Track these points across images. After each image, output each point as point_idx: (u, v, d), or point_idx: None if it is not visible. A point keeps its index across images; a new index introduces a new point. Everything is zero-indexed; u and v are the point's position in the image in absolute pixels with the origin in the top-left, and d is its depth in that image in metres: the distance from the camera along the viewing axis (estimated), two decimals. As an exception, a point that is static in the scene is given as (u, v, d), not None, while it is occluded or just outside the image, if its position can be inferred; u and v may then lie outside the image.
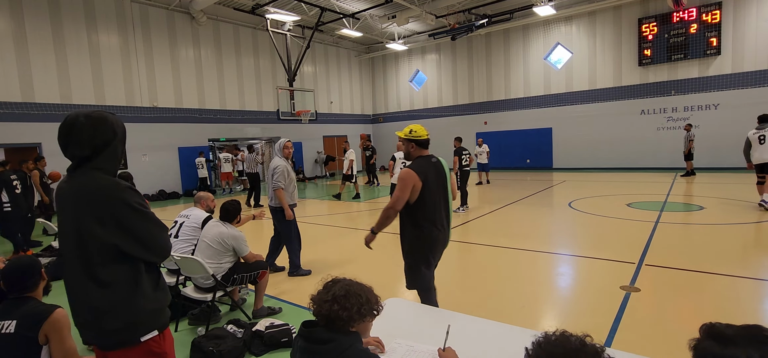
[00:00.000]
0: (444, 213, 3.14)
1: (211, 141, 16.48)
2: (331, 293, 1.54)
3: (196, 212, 4.34)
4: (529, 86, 18.11)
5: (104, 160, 1.65)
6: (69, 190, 1.64)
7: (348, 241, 7.21)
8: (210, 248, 3.72)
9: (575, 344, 1.08)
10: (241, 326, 3.48)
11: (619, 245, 5.92)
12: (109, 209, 1.58)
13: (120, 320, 1.59)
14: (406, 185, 2.95)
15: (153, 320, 1.68)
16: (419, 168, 2.99)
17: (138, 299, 1.63)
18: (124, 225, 1.59)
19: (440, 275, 5.34)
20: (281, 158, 5.03)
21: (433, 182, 3.04)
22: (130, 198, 1.62)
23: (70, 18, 12.33)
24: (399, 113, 22.60)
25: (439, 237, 3.11)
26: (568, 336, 1.09)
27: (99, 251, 1.57)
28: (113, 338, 1.61)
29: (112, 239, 1.58)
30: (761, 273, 4.61)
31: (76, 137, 1.60)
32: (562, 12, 16.03)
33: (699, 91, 14.52)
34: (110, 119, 1.68)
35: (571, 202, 9.61)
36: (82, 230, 1.57)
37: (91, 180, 1.61)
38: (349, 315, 1.51)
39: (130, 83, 13.72)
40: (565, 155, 17.42)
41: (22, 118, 11.50)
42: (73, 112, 1.65)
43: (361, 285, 1.61)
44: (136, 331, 1.63)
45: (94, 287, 1.57)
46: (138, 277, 1.64)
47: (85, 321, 1.63)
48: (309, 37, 16.84)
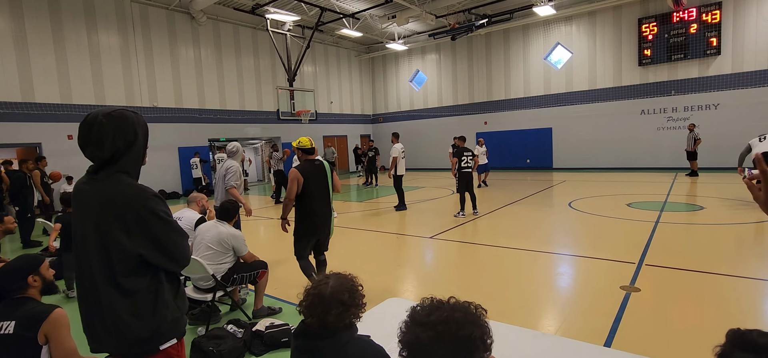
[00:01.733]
0: (321, 201, 4.09)
1: (211, 141, 16.49)
2: (306, 304, 1.52)
3: (189, 213, 4.35)
4: (529, 86, 18.11)
5: (127, 163, 1.60)
6: (91, 192, 1.58)
7: (348, 241, 7.21)
8: (209, 250, 3.71)
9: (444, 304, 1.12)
10: (241, 326, 3.48)
11: (619, 245, 5.92)
12: (135, 218, 1.54)
13: (143, 329, 1.57)
14: (292, 181, 3.96)
15: (173, 328, 1.67)
16: (303, 169, 4.03)
17: (159, 307, 1.61)
18: (151, 234, 1.56)
19: (440, 274, 5.36)
20: (235, 161, 5.29)
21: (313, 179, 4.03)
22: (157, 207, 1.58)
23: (70, 18, 12.33)
24: (399, 113, 22.61)
25: (315, 219, 4.09)
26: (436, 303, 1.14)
27: (122, 260, 1.54)
28: (135, 348, 1.59)
29: (137, 249, 1.55)
30: (761, 273, 4.61)
31: (96, 137, 1.54)
32: (562, 12, 16.03)
33: (699, 91, 14.52)
34: (132, 118, 1.62)
35: (571, 202, 9.60)
36: (106, 237, 1.53)
37: (117, 185, 1.56)
38: (328, 326, 1.49)
39: (130, 83, 13.72)
40: (565, 155, 17.42)
41: (22, 118, 11.50)
42: (93, 110, 1.60)
43: (334, 291, 1.52)
44: (158, 339, 1.62)
45: (118, 295, 1.55)
46: (159, 286, 1.63)
47: (103, 329, 1.58)
48: (309, 37, 16.84)
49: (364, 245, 6.95)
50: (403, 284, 5.02)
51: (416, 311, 1.12)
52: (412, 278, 5.23)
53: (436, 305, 1.11)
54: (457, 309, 1.09)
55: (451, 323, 1.04)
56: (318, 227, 4.12)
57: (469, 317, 1.07)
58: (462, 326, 1.04)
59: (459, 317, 1.06)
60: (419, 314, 1.10)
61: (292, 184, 3.96)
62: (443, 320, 1.05)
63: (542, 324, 3.68)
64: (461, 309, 1.09)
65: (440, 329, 1.03)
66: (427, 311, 1.10)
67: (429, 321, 1.06)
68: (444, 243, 6.60)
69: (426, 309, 1.11)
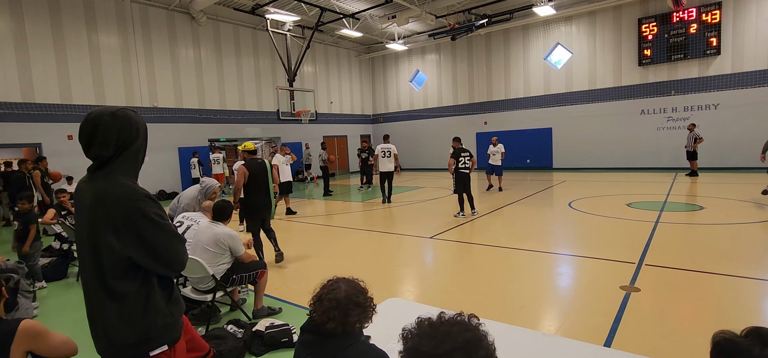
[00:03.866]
0: (263, 190, 5.52)
1: (211, 141, 16.48)
2: (322, 309, 1.52)
3: (205, 221, 4.32)
4: (529, 86, 18.11)
5: (126, 161, 1.59)
6: (88, 191, 1.57)
7: (348, 242, 7.21)
8: (207, 252, 3.71)
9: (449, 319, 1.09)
10: (241, 326, 3.48)
11: (619, 245, 5.92)
12: (123, 219, 1.50)
13: (132, 334, 1.54)
14: (239, 174, 5.45)
15: (164, 334, 1.62)
16: (248, 165, 5.49)
17: (150, 313, 1.57)
18: (140, 237, 1.52)
19: (440, 274, 5.36)
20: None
21: (255, 173, 5.47)
22: (147, 208, 1.54)
23: (70, 18, 12.33)
24: (399, 113, 22.60)
25: (257, 205, 5.51)
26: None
27: (112, 261, 1.51)
28: (124, 353, 1.57)
29: (126, 251, 1.51)
30: (761, 273, 4.61)
31: (101, 137, 1.54)
32: (561, 12, 16.02)
33: (699, 91, 14.52)
34: (134, 119, 1.62)
35: (571, 202, 9.60)
36: (96, 238, 1.52)
37: (110, 185, 1.53)
38: (343, 330, 1.50)
39: (130, 83, 13.72)
40: (565, 155, 17.42)
41: (22, 118, 11.49)
42: (95, 110, 1.58)
43: (349, 293, 1.54)
44: (147, 345, 1.58)
45: (107, 299, 1.53)
46: (150, 290, 1.59)
47: (94, 332, 1.59)
48: (309, 37, 16.83)
49: (364, 245, 6.95)
50: (403, 284, 5.02)
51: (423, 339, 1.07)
52: (412, 278, 5.23)
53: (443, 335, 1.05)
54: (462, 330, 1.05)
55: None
56: (262, 209, 5.55)
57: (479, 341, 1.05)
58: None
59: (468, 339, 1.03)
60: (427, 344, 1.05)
61: (239, 177, 5.42)
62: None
63: (542, 324, 3.68)
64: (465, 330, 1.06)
65: None
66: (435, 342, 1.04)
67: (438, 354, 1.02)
68: (444, 243, 6.60)
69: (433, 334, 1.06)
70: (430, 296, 4.56)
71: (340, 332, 1.49)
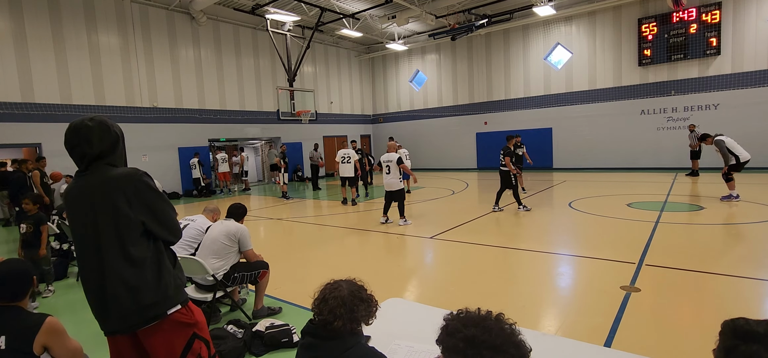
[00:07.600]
0: None
1: (211, 141, 16.48)
2: (328, 309, 1.54)
3: (202, 219, 4.37)
4: (529, 86, 18.11)
5: (117, 159, 1.83)
6: (86, 185, 1.75)
7: (348, 242, 7.21)
8: (216, 243, 3.78)
9: (480, 314, 1.17)
10: (241, 326, 3.48)
11: (619, 245, 5.92)
12: (133, 190, 1.75)
13: (153, 294, 1.75)
14: None
15: (178, 294, 1.84)
16: None
17: (164, 274, 1.81)
18: (148, 204, 1.78)
19: (441, 274, 5.35)
20: None
21: None
22: (150, 182, 1.82)
23: (70, 18, 12.33)
24: (399, 113, 22.60)
25: None
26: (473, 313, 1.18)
27: (129, 227, 1.73)
28: (150, 312, 1.75)
29: (139, 216, 1.75)
30: (761, 273, 4.61)
31: (85, 136, 1.74)
32: (561, 12, 16.02)
33: (699, 91, 14.51)
34: (112, 124, 1.85)
35: (571, 202, 9.60)
36: (111, 212, 1.71)
37: (112, 170, 1.77)
38: (351, 327, 1.53)
39: (130, 83, 13.71)
40: (565, 155, 17.41)
41: (22, 118, 11.49)
42: (76, 119, 1.79)
43: (352, 290, 1.57)
44: (166, 304, 1.78)
45: (127, 266, 1.72)
46: (160, 255, 1.83)
47: (113, 303, 1.71)
48: (309, 38, 16.83)
49: (364, 245, 6.95)
50: (403, 284, 5.02)
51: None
52: (412, 278, 5.22)
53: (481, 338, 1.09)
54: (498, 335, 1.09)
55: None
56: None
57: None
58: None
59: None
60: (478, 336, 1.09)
61: None
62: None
63: (542, 324, 3.68)
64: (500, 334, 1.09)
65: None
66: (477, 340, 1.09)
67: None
68: (444, 243, 6.60)
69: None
70: (431, 296, 4.56)
71: (347, 330, 1.52)
